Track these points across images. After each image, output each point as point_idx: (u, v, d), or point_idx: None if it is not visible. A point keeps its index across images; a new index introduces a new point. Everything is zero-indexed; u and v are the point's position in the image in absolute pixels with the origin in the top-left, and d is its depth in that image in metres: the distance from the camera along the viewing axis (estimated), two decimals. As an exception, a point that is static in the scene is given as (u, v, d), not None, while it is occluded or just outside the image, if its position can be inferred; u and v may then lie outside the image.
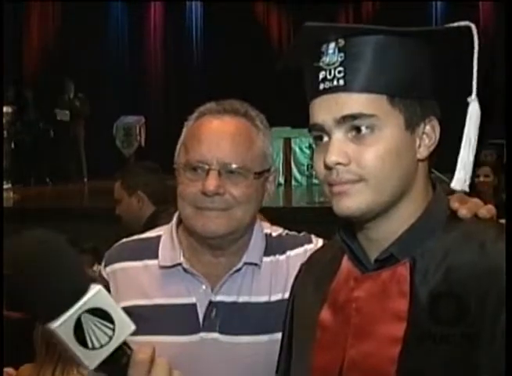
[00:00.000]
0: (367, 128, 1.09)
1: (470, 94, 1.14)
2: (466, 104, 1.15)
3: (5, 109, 10.11)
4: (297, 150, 11.25)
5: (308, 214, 8.14)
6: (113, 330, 0.85)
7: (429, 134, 1.15)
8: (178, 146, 1.59)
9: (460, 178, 1.15)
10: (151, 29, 14.53)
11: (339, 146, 1.10)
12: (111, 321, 0.86)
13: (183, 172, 1.52)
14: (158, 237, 1.64)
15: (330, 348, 1.17)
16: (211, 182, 1.47)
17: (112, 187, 3.80)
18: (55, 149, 11.90)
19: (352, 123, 1.10)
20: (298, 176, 11.31)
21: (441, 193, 1.19)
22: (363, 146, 1.09)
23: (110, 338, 0.85)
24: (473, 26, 1.11)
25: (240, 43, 13.14)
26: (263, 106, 1.62)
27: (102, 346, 0.84)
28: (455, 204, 1.16)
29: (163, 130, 12.35)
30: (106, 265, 1.66)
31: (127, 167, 4.10)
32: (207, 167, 1.49)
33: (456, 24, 1.12)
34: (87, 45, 12.88)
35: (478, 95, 1.13)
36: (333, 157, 1.09)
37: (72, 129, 11.81)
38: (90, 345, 0.82)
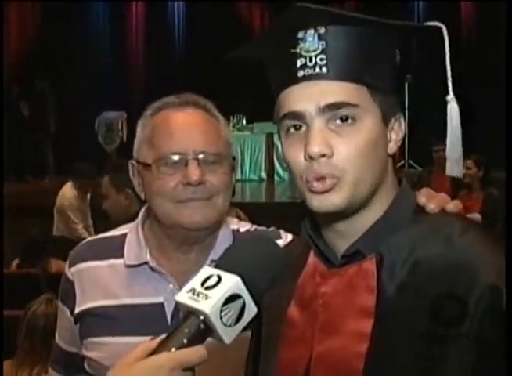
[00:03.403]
0: (350, 118, 1.07)
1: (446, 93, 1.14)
2: (445, 103, 1.14)
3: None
4: (280, 145, 11.20)
5: (290, 209, 8.14)
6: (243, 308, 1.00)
7: (397, 130, 1.15)
8: (137, 144, 1.56)
9: (454, 168, 1.17)
10: (133, 27, 14.43)
11: (322, 136, 1.06)
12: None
13: (156, 168, 1.49)
14: (123, 236, 1.61)
15: (298, 344, 1.16)
16: (194, 172, 1.45)
17: (95, 184, 3.82)
18: (30, 144, 11.72)
19: (336, 112, 1.07)
20: (281, 171, 11.28)
21: (407, 188, 1.18)
22: (344, 137, 1.07)
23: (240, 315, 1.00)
24: (443, 27, 1.11)
25: (223, 41, 13.06)
26: (246, 103, 1.62)
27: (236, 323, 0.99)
28: (422, 199, 1.16)
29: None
30: (70, 266, 1.62)
31: (115, 163, 4.13)
32: (184, 158, 1.47)
33: (431, 23, 1.12)
34: (68, 42, 12.79)
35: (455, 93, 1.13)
36: (316, 148, 1.05)
37: (39, 124, 11.59)
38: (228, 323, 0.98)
